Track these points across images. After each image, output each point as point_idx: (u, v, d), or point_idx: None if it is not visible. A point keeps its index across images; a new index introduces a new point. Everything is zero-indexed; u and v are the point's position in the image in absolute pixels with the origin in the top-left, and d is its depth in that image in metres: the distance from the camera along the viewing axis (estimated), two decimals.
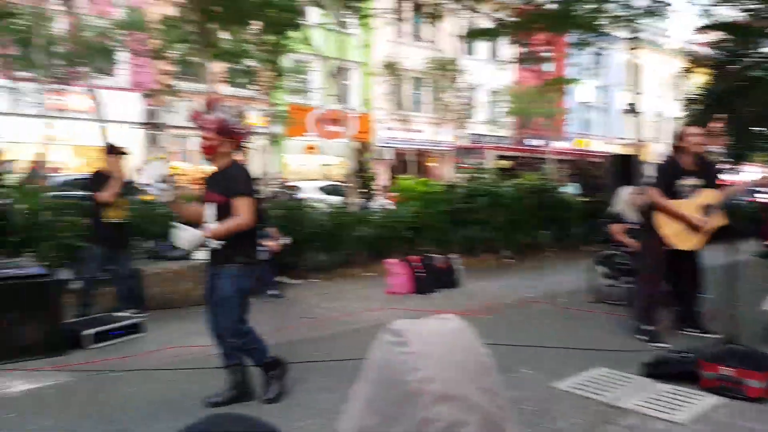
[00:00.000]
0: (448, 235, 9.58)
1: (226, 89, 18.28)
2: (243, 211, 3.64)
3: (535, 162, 20.63)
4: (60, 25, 15.90)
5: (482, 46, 26.67)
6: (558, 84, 20.52)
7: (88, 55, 8.13)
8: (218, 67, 15.28)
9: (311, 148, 22.92)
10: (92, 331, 5.10)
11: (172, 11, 10.94)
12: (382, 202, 10.96)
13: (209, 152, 3.76)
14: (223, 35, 11.01)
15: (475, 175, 11.32)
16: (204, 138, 3.73)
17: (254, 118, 18.52)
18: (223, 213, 3.69)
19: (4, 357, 4.57)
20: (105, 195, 5.74)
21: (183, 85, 17.95)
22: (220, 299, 3.71)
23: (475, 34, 14.14)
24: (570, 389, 4.03)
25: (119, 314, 5.75)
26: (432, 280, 7.74)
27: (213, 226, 3.66)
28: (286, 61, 15.67)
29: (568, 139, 30.47)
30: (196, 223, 3.89)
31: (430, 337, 0.71)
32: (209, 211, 3.76)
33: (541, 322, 6.14)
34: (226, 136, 3.72)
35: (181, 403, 3.83)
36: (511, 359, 4.47)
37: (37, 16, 9.00)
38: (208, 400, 3.78)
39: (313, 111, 21.92)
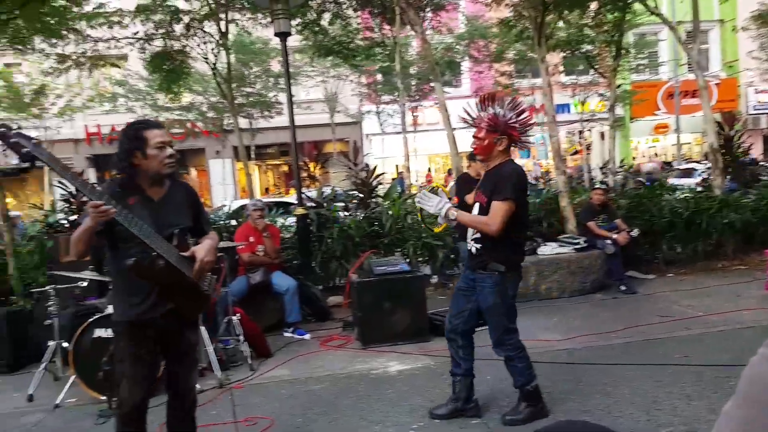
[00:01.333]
0: None
1: (563, 79, 18.08)
2: (494, 215, 3.33)
3: None
4: (411, 49, 18.03)
5: None
6: None
7: (437, 72, 9.00)
8: (554, 58, 15.19)
9: (662, 127, 20.91)
10: None
11: (508, 13, 11.33)
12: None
13: (482, 152, 3.51)
14: (560, 24, 10.90)
15: None
16: (475, 137, 3.52)
17: (595, 103, 17.88)
18: (484, 215, 3.46)
19: (383, 340, 5.40)
20: (470, 197, 6.25)
21: (520, 83, 18.43)
22: (485, 310, 3.54)
23: None
24: None
25: None
26: None
27: (459, 213, 3.41)
28: (629, 37, 14.69)
29: None
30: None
31: None
32: (474, 212, 3.58)
33: None
34: (500, 134, 3.45)
35: None
36: None
37: (396, 44, 10.34)
38: (433, 411, 3.76)
39: (663, 86, 20.05)
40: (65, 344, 4.78)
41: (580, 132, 20.17)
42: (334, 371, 4.85)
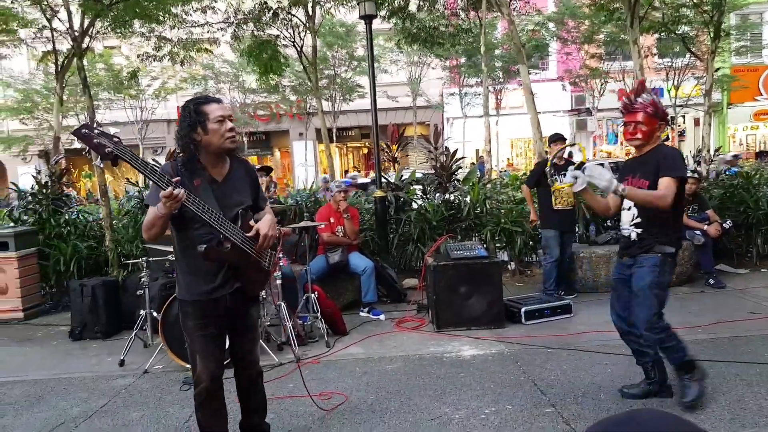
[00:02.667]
0: None
1: (656, 61, 17.18)
2: (668, 189, 3.29)
3: None
4: (497, 31, 17.63)
5: None
6: None
7: (523, 54, 8.73)
8: (648, 40, 14.45)
9: (763, 113, 19.52)
10: (528, 308, 5.54)
11: None
12: None
13: (644, 136, 3.49)
14: (655, 4, 10.34)
15: None
16: (634, 122, 3.50)
17: (690, 87, 16.92)
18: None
19: (457, 325, 5.40)
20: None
21: (610, 66, 17.68)
22: (638, 290, 3.48)
23: None
24: None
25: (550, 295, 6.10)
26: None
27: (629, 188, 3.33)
28: (730, 19, 13.73)
29: None
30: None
31: None
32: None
33: None
34: (660, 119, 3.49)
35: (607, 388, 3.84)
36: None
37: (482, 26, 10.13)
38: (624, 389, 3.72)
39: (765, 70, 18.71)
40: (155, 314, 5.10)
41: (673, 118, 19.20)
42: (407, 352, 4.90)
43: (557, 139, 6.42)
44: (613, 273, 3.84)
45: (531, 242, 7.39)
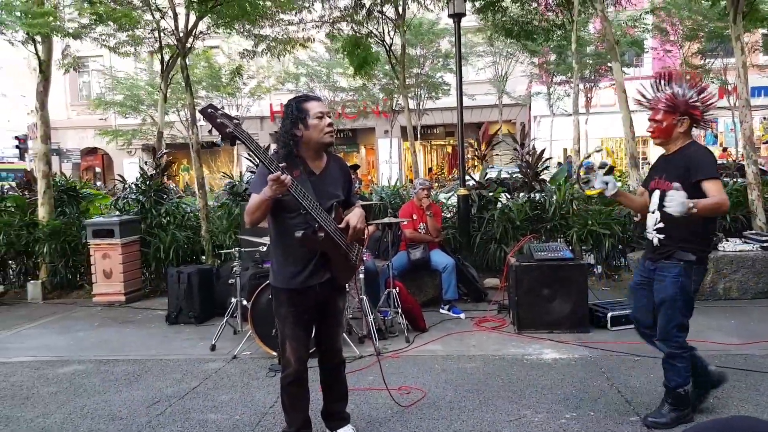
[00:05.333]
0: None
1: (761, 59, 16.06)
2: (719, 192, 3.04)
3: None
4: (591, 27, 17.02)
5: None
6: None
7: (616, 51, 8.35)
8: (754, 35, 13.53)
9: None
10: (614, 313, 5.35)
11: None
12: None
13: (661, 134, 3.29)
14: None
15: None
16: (652, 119, 3.30)
17: None
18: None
19: (539, 327, 5.31)
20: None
21: (711, 63, 16.68)
22: (660, 301, 3.29)
23: None
24: None
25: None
26: None
27: (701, 202, 3.02)
28: None
29: None
30: (643, 212, 3.54)
31: None
32: (654, 199, 3.33)
33: None
34: (681, 114, 3.22)
35: None
36: None
37: (574, 22, 9.82)
38: (649, 418, 3.44)
39: None
40: (245, 302, 5.34)
41: None
42: (486, 352, 4.88)
43: None
44: (633, 276, 3.63)
45: (620, 246, 7.13)
